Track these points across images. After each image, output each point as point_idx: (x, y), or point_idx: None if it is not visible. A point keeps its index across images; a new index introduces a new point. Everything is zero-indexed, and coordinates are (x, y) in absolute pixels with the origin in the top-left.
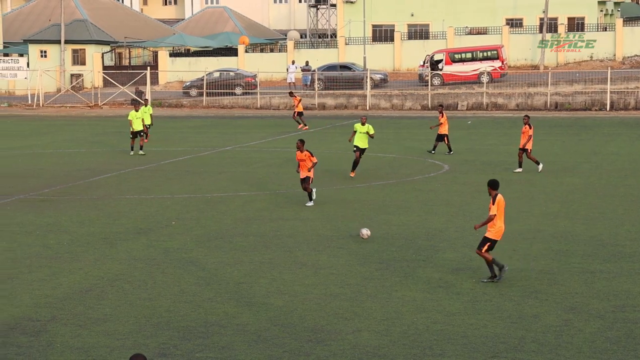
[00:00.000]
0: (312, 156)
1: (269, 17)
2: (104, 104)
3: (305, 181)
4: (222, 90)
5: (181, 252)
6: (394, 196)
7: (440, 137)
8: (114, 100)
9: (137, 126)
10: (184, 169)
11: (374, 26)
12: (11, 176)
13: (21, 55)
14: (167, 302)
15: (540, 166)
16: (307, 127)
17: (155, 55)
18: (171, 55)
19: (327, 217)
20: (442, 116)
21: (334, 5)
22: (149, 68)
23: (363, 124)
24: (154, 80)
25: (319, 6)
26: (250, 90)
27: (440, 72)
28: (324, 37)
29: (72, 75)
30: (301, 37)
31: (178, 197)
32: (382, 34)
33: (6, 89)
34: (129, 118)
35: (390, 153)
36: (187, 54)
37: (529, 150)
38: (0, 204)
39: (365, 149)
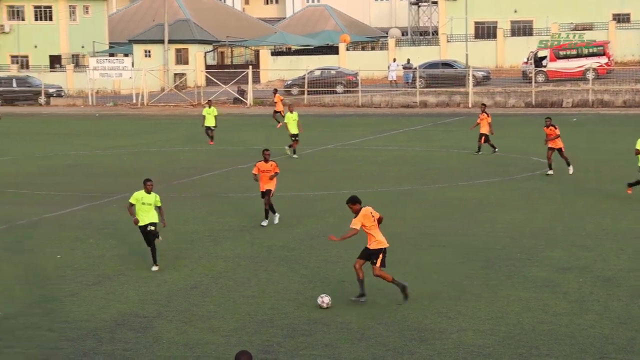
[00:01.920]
0: (277, 167)
1: (370, 15)
2: (205, 103)
3: (267, 194)
4: (323, 89)
5: (284, 250)
6: (497, 194)
7: (485, 137)
8: (216, 99)
9: (209, 121)
10: (286, 167)
11: (476, 23)
12: (117, 174)
13: (126, 55)
14: (271, 300)
15: (570, 168)
16: (280, 124)
17: (257, 54)
18: (273, 54)
19: (429, 215)
20: (486, 116)
21: (435, 3)
22: (250, 67)
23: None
24: (256, 79)
25: (420, 3)
26: (351, 89)
27: (545, 69)
28: (426, 35)
29: (175, 74)
30: (402, 34)
31: (280, 195)
32: (485, 31)
33: (112, 89)
34: (203, 114)
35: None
36: (289, 52)
37: (562, 149)
38: (106, 201)
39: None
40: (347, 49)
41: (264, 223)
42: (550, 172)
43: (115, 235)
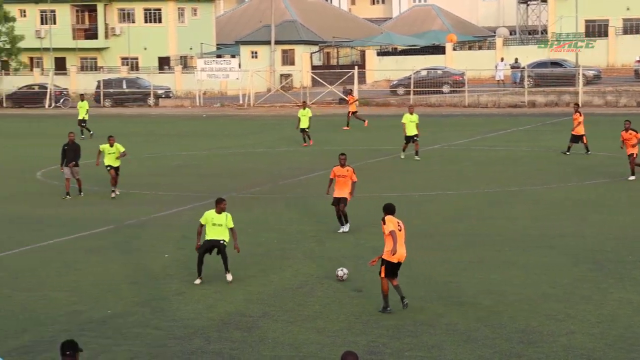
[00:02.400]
0: (354, 174)
1: (478, 14)
2: (312, 103)
3: (341, 201)
4: (430, 89)
5: None
6: (606, 195)
7: (575, 138)
8: (322, 99)
9: (304, 123)
10: (391, 167)
11: (586, 21)
12: (224, 175)
13: (233, 56)
14: (376, 301)
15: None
16: (349, 127)
17: (363, 55)
18: (379, 54)
19: (537, 216)
20: (580, 115)
21: (544, 1)
22: (356, 67)
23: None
24: (362, 79)
25: (529, 2)
26: (457, 89)
27: None
28: (534, 34)
29: (281, 75)
30: (510, 34)
31: (385, 195)
32: (595, 29)
33: (219, 90)
34: (298, 115)
35: (603, 151)
36: (395, 52)
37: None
38: (213, 202)
39: None
40: (454, 49)
41: (345, 229)
42: (632, 177)
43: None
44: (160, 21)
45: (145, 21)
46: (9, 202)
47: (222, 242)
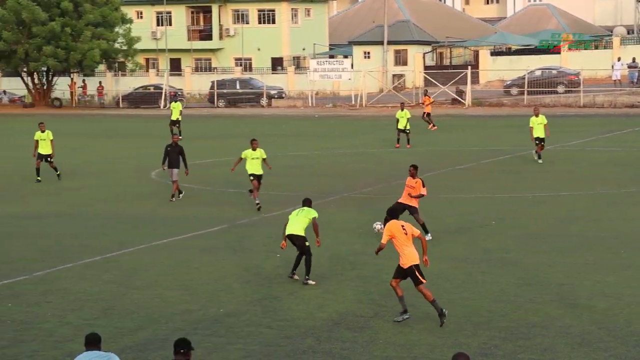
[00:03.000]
0: (424, 186)
1: (594, 13)
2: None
3: (407, 208)
4: (544, 89)
5: (501, 252)
6: None
7: None
8: (434, 99)
9: (402, 124)
10: (504, 168)
11: None
12: (335, 175)
13: (345, 56)
14: (488, 302)
15: None
16: (436, 127)
17: (476, 55)
18: (492, 54)
19: None
20: None
21: None
22: (469, 67)
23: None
24: (475, 79)
25: None
26: (572, 89)
27: None
28: None
29: (393, 75)
30: (628, 33)
31: (498, 196)
32: None
33: (331, 90)
34: (396, 117)
35: None
36: (509, 52)
37: None
38: (326, 201)
39: None
40: (569, 49)
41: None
42: None
43: (331, 235)
44: (273, 22)
45: (259, 22)
46: (124, 202)
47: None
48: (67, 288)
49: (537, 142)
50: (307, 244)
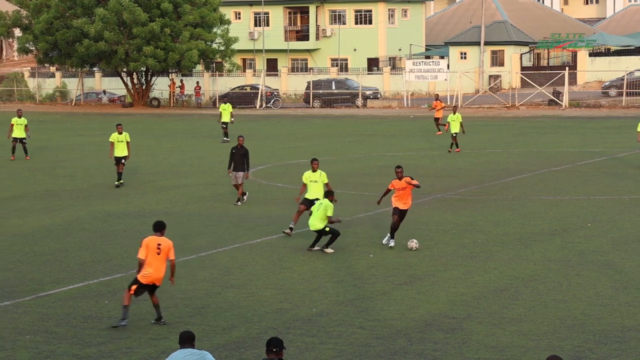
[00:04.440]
0: (413, 179)
1: None
2: (520, 104)
3: (396, 213)
4: None
5: (597, 255)
6: None
7: None
8: (531, 101)
9: (454, 128)
10: (601, 169)
11: None
12: (431, 175)
13: (442, 57)
14: (582, 305)
15: None
16: (441, 132)
17: (575, 55)
18: (591, 55)
19: None
20: None
21: None
22: (567, 68)
23: None
24: (572, 80)
25: None
26: None
27: None
28: None
29: (490, 76)
30: None
31: (594, 198)
32: None
33: (426, 91)
34: (448, 120)
35: None
36: (608, 53)
37: None
38: (419, 202)
39: None
40: None
41: (390, 243)
42: None
43: (427, 236)
44: (370, 22)
45: (356, 22)
46: (220, 201)
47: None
48: (161, 286)
49: None
50: (327, 229)
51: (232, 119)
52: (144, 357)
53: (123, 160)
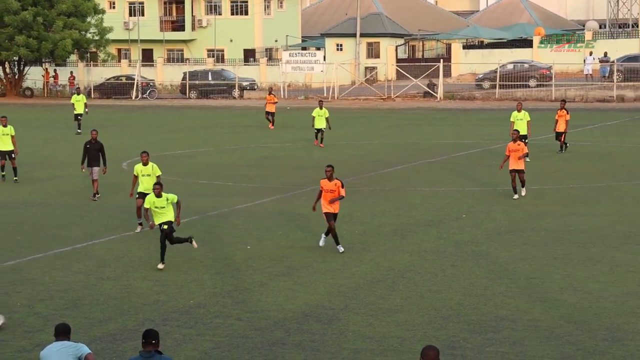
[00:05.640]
0: (343, 187)
1: (567, 7)
2: (396, 96)
3: (330, 217)
4: (516, 83)
5: (471, 245)
6: None
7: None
8: (406, 92)
9: (320, 124)
10: (475, 161)
11: None
12: (307, 167)
13: (318, 48)
14: (457, 295)
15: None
16: (273, 126)
17: (449, 48)
18: (464, 47)
19: (624, 212)
20: (565, 113)
21: None
22: (441, 60)
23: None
24: (447, 72)
25: None
26: (544, 83)
27: None
28: (625, 27)
29: (366, 68)
30: (600, 27)
31: (468, 190)
32: None
33: (303, 82)
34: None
35: None
36: (481, 46)
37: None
38: (296, 194)
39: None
40: (541, 43)
41: (340, 249)
42: None
43: (303, 227)
44: (246, 13)
45: (232, 13)
46: (105, 193)
47: (166, 228)
48: (36, 278)
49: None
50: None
51: (87, 110)
52: (18, 349)
53: (13, 155)
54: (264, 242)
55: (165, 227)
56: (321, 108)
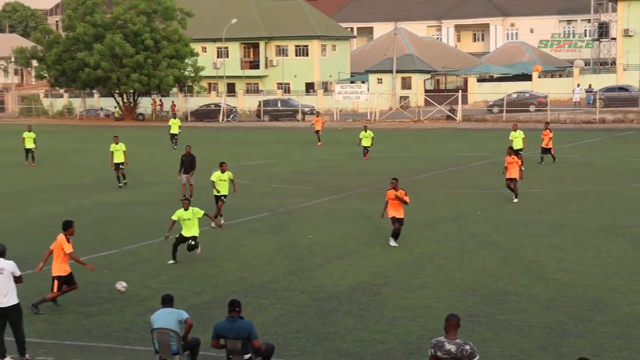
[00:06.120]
0: (407, 195)
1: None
2: (424, 119)
3: (396, 221)
4: (519, 108)
5: (484, 236)
6: None
7: (545, 151)
8: (432, 116)
9: (366, 142)
10: (486, 170)
11: None
12: (355, 174)
13: (363, 82)
14: (473, 275)
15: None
16: (321, 143)
17: (466, 81)
18: (478, 80)
19: (606, 210)
20: (549, 132)
21: (614, 39)
22: (460, 91)
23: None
24: (464, 100)
25: (601, 39)
26: (541, 108)
27: None
28: (605, 65)
29: (400, 97)
30: (585, 64)
31: (482, 192)
32: None
33: (352, 108)
34: (360, 136)
35: None
36: (491, 79)
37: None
38: (346, 195)
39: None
40: (539, 77)
41: (391, 243)
42: None
43: (352, 221)
44: (307, 55)
45: (296, 55)
46: (196, 193)
47: (193, 243)
48: (148, 259)
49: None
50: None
51: (179, 131)
52: (135, 314)
53: (121, 166)
54: (321, 232)
55: (192, 242)
56: (365, 131)
